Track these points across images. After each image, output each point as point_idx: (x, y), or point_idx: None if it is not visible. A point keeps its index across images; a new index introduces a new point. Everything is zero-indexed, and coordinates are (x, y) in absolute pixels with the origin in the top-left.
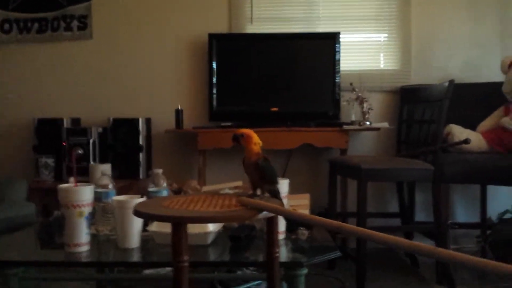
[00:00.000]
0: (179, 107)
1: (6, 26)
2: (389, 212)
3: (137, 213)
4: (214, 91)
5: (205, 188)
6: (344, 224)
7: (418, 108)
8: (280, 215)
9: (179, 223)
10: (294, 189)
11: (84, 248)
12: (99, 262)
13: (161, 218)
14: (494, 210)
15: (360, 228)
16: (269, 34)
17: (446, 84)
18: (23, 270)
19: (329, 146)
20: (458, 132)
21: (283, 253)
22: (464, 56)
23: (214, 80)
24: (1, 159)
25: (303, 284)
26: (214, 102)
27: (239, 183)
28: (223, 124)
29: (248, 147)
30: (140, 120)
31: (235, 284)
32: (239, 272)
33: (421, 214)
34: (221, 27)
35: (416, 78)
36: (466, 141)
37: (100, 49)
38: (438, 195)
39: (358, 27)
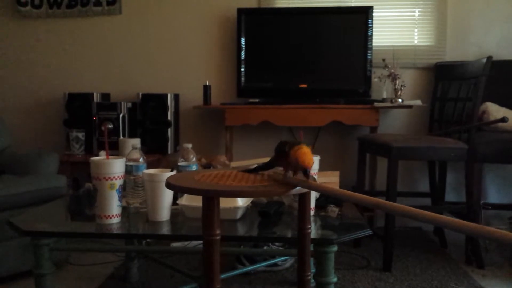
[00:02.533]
0: (207, 83)
1: (37, 1)
2: (419, 192)
3: (169, 185)
4: (242, 67)
5: (234, 164)
6: (382, 200)
7: (453, 86)
8: (314, 190)
9: (211, 197)
10: (321, 167)
11: (115, 220)
12: (129, 234)
13: (194, 191)
14: None
15: (402, 206)
16: (299, 8)
17: (484, 60)
18: (54, 240)
19: (359, 124)
20: (494, 110)
21: (313, 230)
22: (501, 32)
23: (243, 56)
24: (33, 133)
25: (332, 261)
26: (242, 78)
27: (267, 159)
28: (251, 100)
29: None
30: (169, 95)
31: (261, 259)
32: (265, 248)
33: (451, 194)
34: (250, 2)
35: (451, 55)
36: (503, 119)
37: (129, 25)
38: (471, 175)
39: (392, 1)
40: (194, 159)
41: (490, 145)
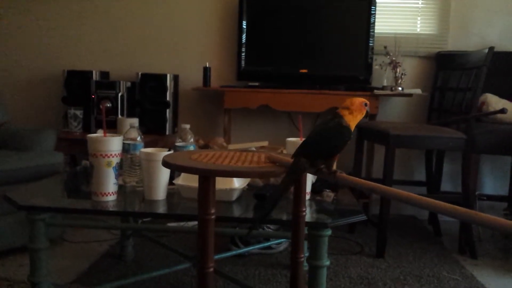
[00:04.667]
0: (207, 65)
1: None
2: (415, 180)
3: (166, 164)
4: (243, 50)
5: (231, 146)
6: (379, 185)
7: (453, 75)
8: (311, 173)
9: (207, 176)
10: None
11: (111, 198)
12: (125, 211)
13: (190, 170)
14: None
15: (396, 190)
16: None
17: (485, 51)
18: (50, 216)
19: None
20: (494, 101)
21: (308, 214)
22: (504, 23)
23: (244, 38)
24: (31, 109)
25: (325, 244)
26: (243, 62)
27: (265, 143)
28: (250, 83)
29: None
30: (168, 76)
31: (256, 241)
32: (260, 230)
33: (447, 184)
34: None
35: (453, 44)
36: (503, 110)
37: (130, 3)
38: (468, 165)
39: None
40: (192, 139)
41: (488, 136)
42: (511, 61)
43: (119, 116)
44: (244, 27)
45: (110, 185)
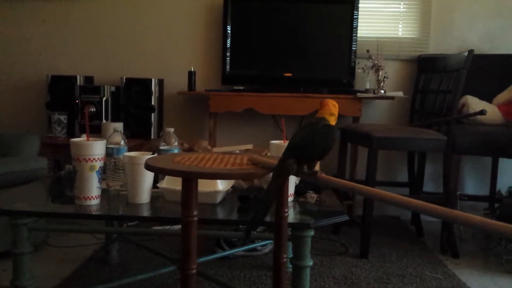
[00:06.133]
0: (192, 69)
1: None
2: (398, 182)
3: (149, 167)
4: (228, 54)
5: (216, 150)
6: (358, 185)
7: (434, 78)
8: (293, 174)
9: (190, 178)
10: None
11: (95, 202)
12: (108, 215)
13: (173, 173)
14: (504, 184)
15: (376, 189)
16: None
17: (465, 53)
18: (33, 220)
19: (342, 114)
20: (474, 103)
21: (291, 215)
22: (484, 27)
23: (228, 42)
24: (14, 115)
25: (308, 245)
26: (227, 66)
27: (249, 146)
28: (235, 87)
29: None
30: (153, 80)
31: (241, 244)
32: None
33: (429, 185)
34: None
35: (434, 47)
36: (482, 112)
37: (114, 8)
38: (449, 166)
39: None
40: (176, 143)
41: (468, 137)
42: (491, 63)
43: (104, 121)
44: (229, 31)
45: (93, 189)
